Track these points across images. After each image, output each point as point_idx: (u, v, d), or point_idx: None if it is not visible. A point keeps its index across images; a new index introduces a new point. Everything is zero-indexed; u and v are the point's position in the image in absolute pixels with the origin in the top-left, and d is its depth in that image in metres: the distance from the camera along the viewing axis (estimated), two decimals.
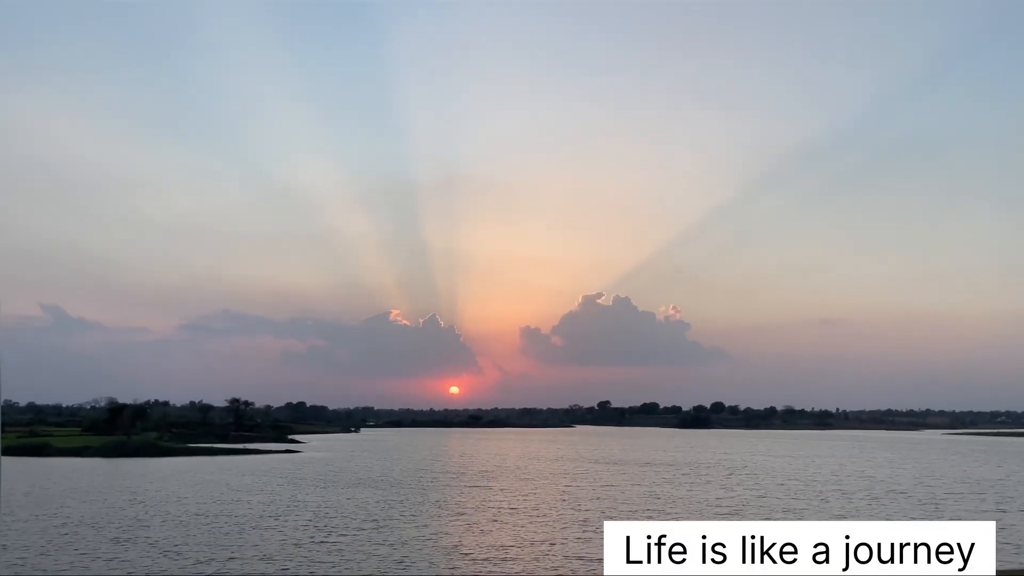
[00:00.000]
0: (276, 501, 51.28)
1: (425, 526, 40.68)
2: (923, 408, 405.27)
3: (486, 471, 78.27)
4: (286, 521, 42.10)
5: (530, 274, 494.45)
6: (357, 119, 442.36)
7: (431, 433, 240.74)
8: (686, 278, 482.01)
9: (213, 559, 31.68)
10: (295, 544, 34.96)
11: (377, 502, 50.92)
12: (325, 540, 36.10)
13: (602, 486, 63.56)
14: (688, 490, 60.60)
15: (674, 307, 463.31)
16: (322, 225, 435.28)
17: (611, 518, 41.84)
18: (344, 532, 38.52)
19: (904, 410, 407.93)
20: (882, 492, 60.94)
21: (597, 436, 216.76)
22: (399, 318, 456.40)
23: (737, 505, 50.86)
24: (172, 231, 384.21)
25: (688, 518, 44.00)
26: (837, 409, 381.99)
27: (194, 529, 39.36)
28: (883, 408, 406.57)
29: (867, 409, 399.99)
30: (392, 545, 34.94)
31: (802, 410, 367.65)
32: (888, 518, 45.74)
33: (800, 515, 46.48)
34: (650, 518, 44.02)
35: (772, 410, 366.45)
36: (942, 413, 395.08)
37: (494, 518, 43.83)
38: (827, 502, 53.48)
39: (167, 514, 44.38)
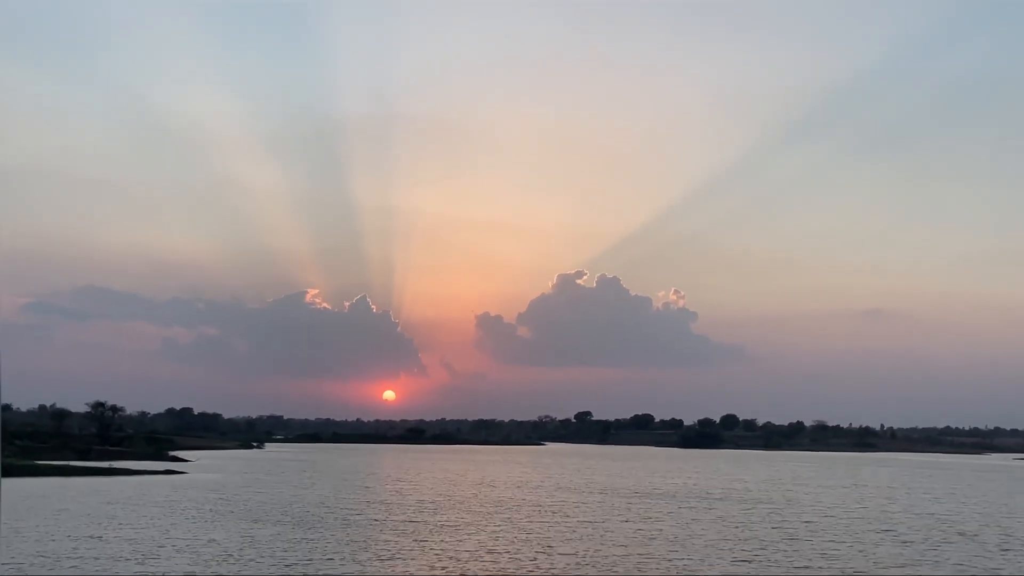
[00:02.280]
0: (143, 538, 49.63)
1: (335, 573, 39.30)
2: (990, 426, 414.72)
3: (425, 502, 77.91)
4: (154, 565, 40.43)
5: (489, 245, 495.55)
6: (265, 37, 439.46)
7: (358, 451, 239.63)
8: (692, 254, 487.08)
9: None
10: None
11: (276, 542, 49.77)
12: None
13: (579, 522, 62.80)
14: (694, 528, 59.84)
15: (676, 291, 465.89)
16: (216, 175, 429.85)
17: (590, 565, 41.26)
18: None
19: (967, 428, 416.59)
20: (946, 535, 60.70)
21: (574, 456, 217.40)
22: (317, 300, 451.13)
23: (759, 549, 50.06)
24: (9, 178, 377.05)
25: (704, 562, 43.15)
26: (882, 426, 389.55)
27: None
28: (940, 425, 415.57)
29: (920, 426, 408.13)
30: None
31: (837, 426, 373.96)
32: (961, 570, 45.13)
33: (844, 566, 45.71)
34: (645, 562, 43.03)
35: (799, 426, 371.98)
36: (1015, 432, 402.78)
37: (432, 565, 42.59)
38: (877, 548, 52.97)
39: None
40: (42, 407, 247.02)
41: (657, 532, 57.61)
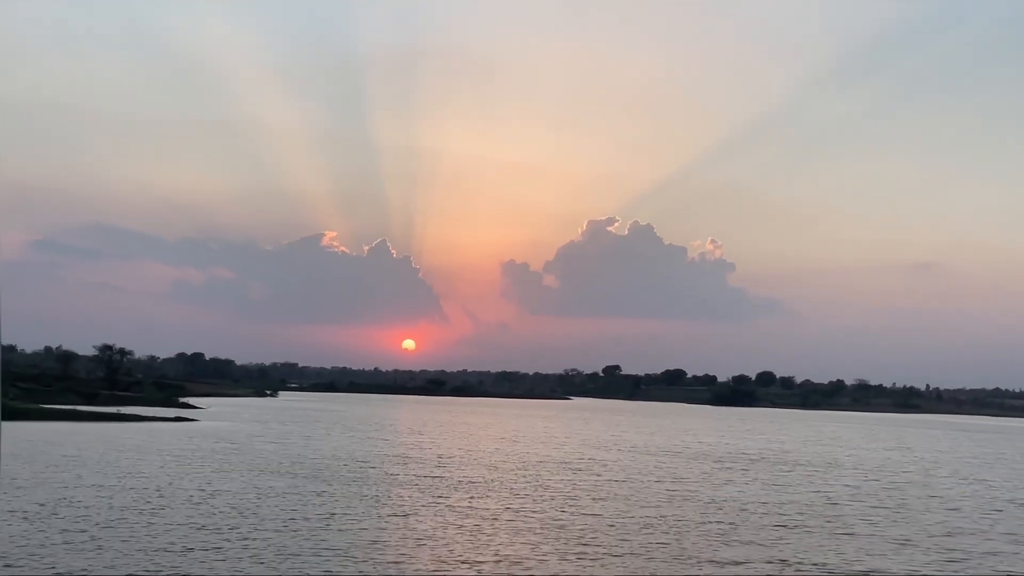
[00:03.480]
0: (150, 488, 49.74)
1: (350, 530, 39.02)
2: None
3: (444, 457, 78.05)
4: (161, 516, 40.30)
5: (517, 189, 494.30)
6: None
7: (375, 402, 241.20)
8: (730, 202, 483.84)
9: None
10: (162, 548, 33.04)
11: (288, 495, 49.85)
12: (208, 545, 34.20)
13: (607, 480, 62.50)
14: (729, 490, 59.40)
15: (712, 241, 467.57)
16: (232, 112, 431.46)
17: (619, 526, 40.82)
18: (234, 534, 36.67)
19: (1018, 390, 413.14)
20: (1000, 503, 59.94)
21: (601, 412, 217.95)
22: (335, 243, 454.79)
23: (797, 513, 49.47)
24: (18, 112, 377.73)
25: (738, 528, 42.64)
26: (928, 386, 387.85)
27: (37, 523, 37.37)
28: (989, 387, 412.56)
29: (968, 387, 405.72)
30: (298, 554, 33.16)
31: (880, 386, 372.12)
32: (1017, 540, 44.40)
33: (886, 532, 45.05)
34: (677, 526, 42.54)
35: (839, 384, 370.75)
36: None
37: (451, 523, 42.26)
38: (924, 515, 52.27)
39: None
40: (48, 349, 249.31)
41: (690, 493, 57.17)
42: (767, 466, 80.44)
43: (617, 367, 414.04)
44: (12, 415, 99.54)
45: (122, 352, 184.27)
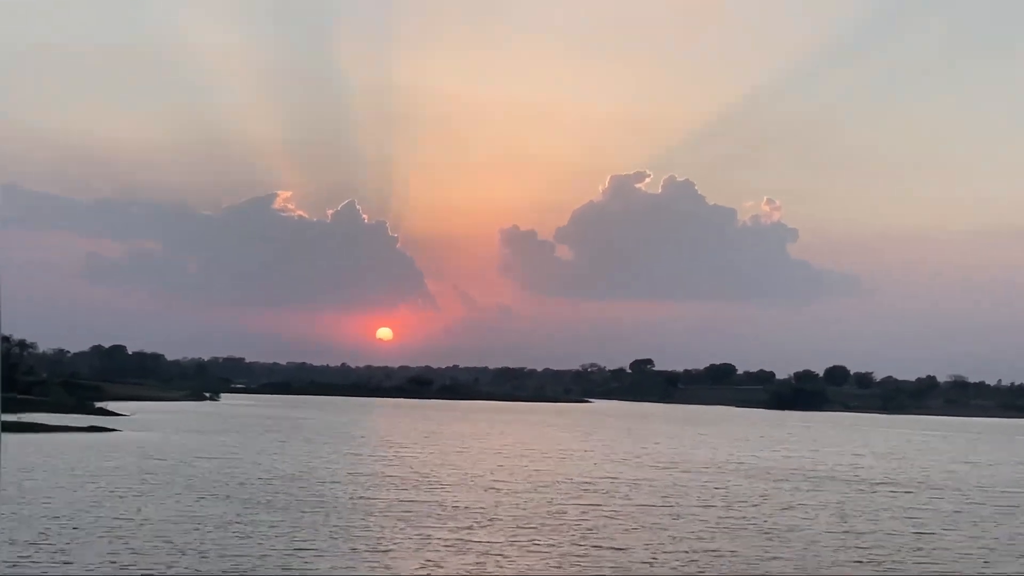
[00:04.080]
0: (53, 518, 49.33)
1: (313, 572, 38.74)
2: None
3: (431, 476, 78.29)
4: (65, 555, 40.05)
5: (521, 136, 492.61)
6: None
7: (343, 406, 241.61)
8: (790, 151, 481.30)
9: None
10: None
11: (228, 525, 50.21)
12: None
13: (639, 506, 62.54)
14: (795, 517, 59.27)
15: (768, 200, 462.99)
16: (160, 39, 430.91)
17: (656, 563, 40.38)
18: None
19: None
20: None
21: (629, 418, 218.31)
22: (289, 206, 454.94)
23: (883, 546, 49.24)
24: None
25: (806, 563, 42.30)
26: None
27: None
28: None
29: None
30: None
31: (981, 383, 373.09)
32: None
33: (1001, 568, 44.81)
34: (730, 562, 42.23)
35: (930, 382, 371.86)
36: None
37: (440, 562, 42.04)
38: None
39: None
40: None
41: (745, 521, 57.03)
42: (841, 486, 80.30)
43: (648, 361, 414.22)
44: None
45: (22, 345, 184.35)
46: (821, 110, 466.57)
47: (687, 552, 46.03)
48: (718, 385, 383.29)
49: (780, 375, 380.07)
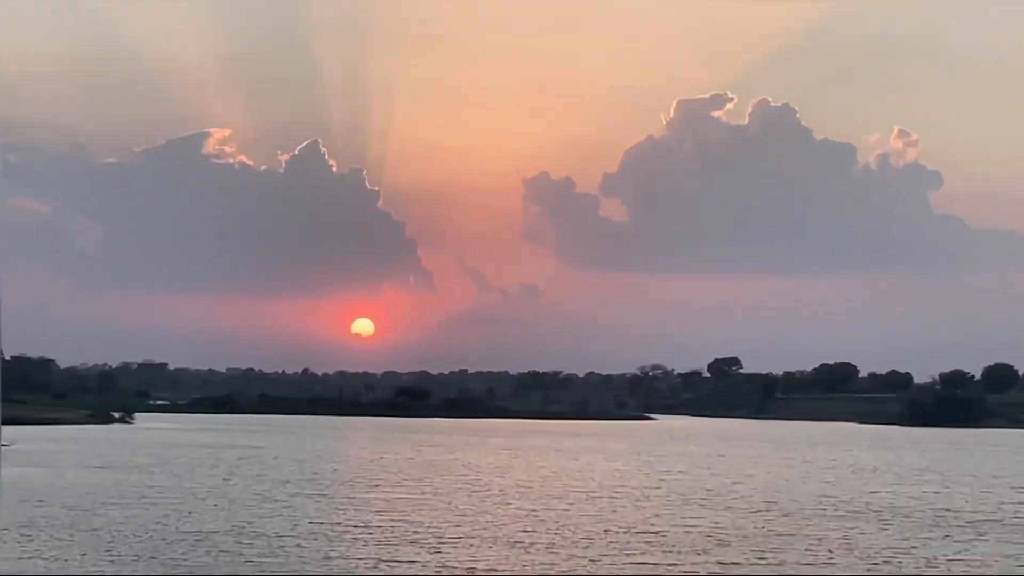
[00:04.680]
0: None
1: None
2: None
3: (440, 530, 77.37)
4: None
5: (548, 45, 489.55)
6: None
7: (305, 429, 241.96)
8: (932, 61, 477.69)
9: None
10: None
11: None
12: None
13: (755, 560, 61.45)
14: (956, 570, 58.66)
15: (901, 132, 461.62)
16: None
17: None
18: None
19: None
20: None
21: (712, 441, 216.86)
22: (228, 149, 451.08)
23: None
24: None
25: None
26: None
27: None
28: None
29: None
30: None
31: None
32: None
33: None
34: None
35: None
36: None
37: None
38: None
39: None
40: None
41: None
42: (1011, 532, 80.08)
43: (734, 361, 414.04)
44: None
45: None
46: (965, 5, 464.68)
47: None
48: (833, 393, 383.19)
49: (920, 378, 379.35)
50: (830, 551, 69.31)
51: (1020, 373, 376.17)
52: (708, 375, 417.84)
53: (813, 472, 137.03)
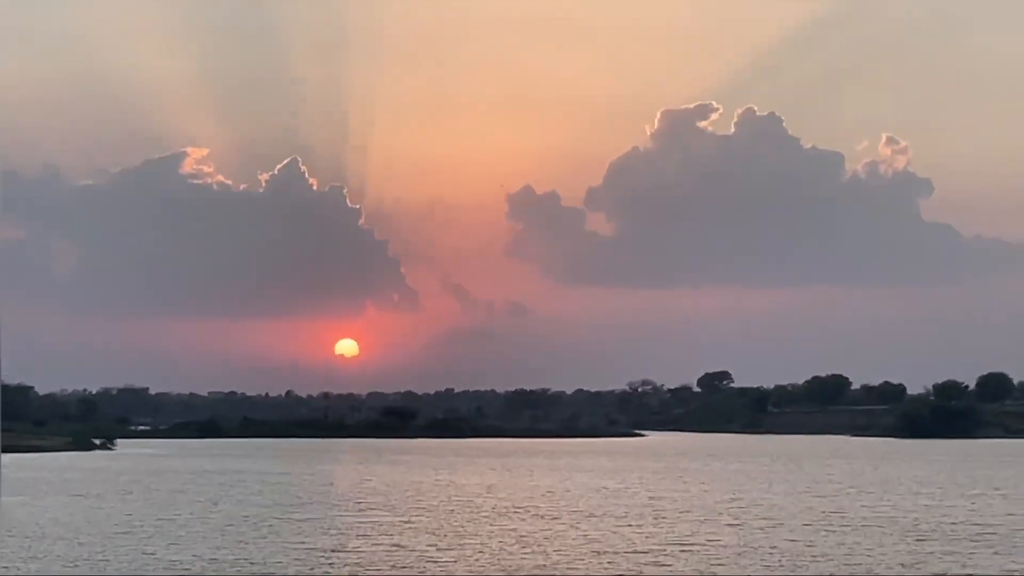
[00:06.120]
0: None
1: None
2: None
3: (422, 557, 76.02)
4: None
5: (532, 59, 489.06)
6: None
7: (291, 452, 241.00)
8: (923, 64, 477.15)
9: None
10: None
11: None
12: None
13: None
14: None
15: (890, 139, 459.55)
16: None
17: None
18: None
19: None
20: None
21: (706, 457, 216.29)
22: (206, 168, 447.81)
23: None
24: None
25: None
26: None
27: None
28: None
29: None
30: None
31: None
32: None
33: None
34: None
35: None
36: None
37: None
38: None
39: None
40: None
41: None
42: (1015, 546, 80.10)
43: (724, 376, 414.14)
44: None
45: None
46: (955, 7, 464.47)
47: None
48: (825, 406, 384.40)
49: (913, 389, 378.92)
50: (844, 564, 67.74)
51: (1015, 382, 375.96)
52: (698, 390, 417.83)
53: (815, 485, 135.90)
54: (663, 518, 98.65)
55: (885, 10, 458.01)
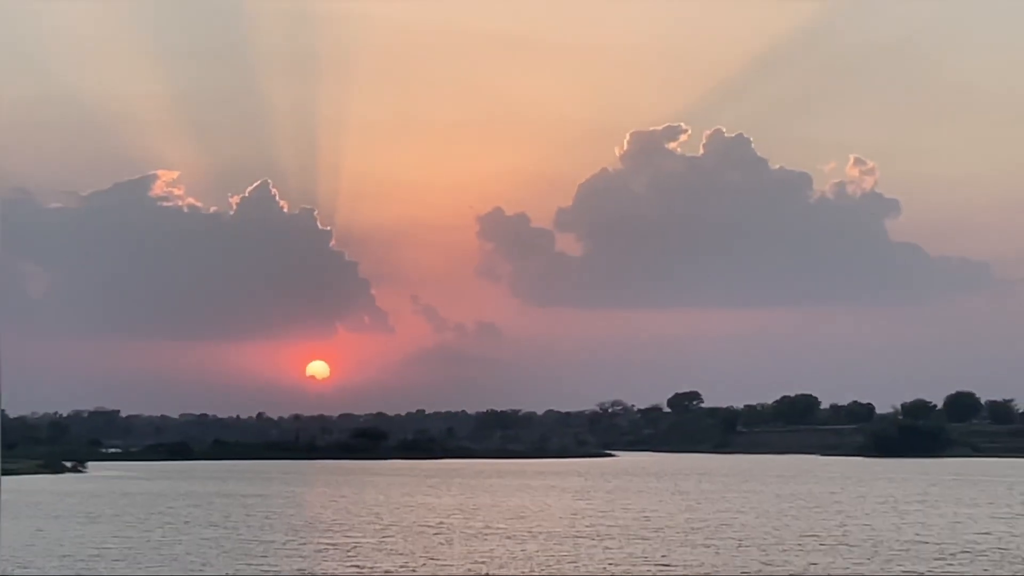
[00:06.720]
0: None
1: None
2: None
3: None
4: None
5: (501, 80, 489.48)
6: None
7: (263, 475, 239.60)
8: (888, 86, 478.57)
9: None
10: None
11: None
12: None
13: None
14: None
15: (858, 160, 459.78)
16: None
17: None
18: None
19: None
20: None
21: (678, 477, 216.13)
22: (176, 191, 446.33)
23: None
24: None
25: None
26: None
27: None
28: None
29: None
30: None
31: None
32: None
33: None
34: None
35: None
36: None
37: None
38: None
39: None
40: None
41: None
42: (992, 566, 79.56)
43: (694, 396, 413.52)
44: None
45: None
46: (922, 29, 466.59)
47: None
48: (795, 426, 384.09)
49: (881, 408, 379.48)
50: None
51: (982, 401, 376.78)
52: (668, 410, 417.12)
53: (793, 506, 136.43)
54: (633, 537, 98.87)
55: (852, 32, 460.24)
